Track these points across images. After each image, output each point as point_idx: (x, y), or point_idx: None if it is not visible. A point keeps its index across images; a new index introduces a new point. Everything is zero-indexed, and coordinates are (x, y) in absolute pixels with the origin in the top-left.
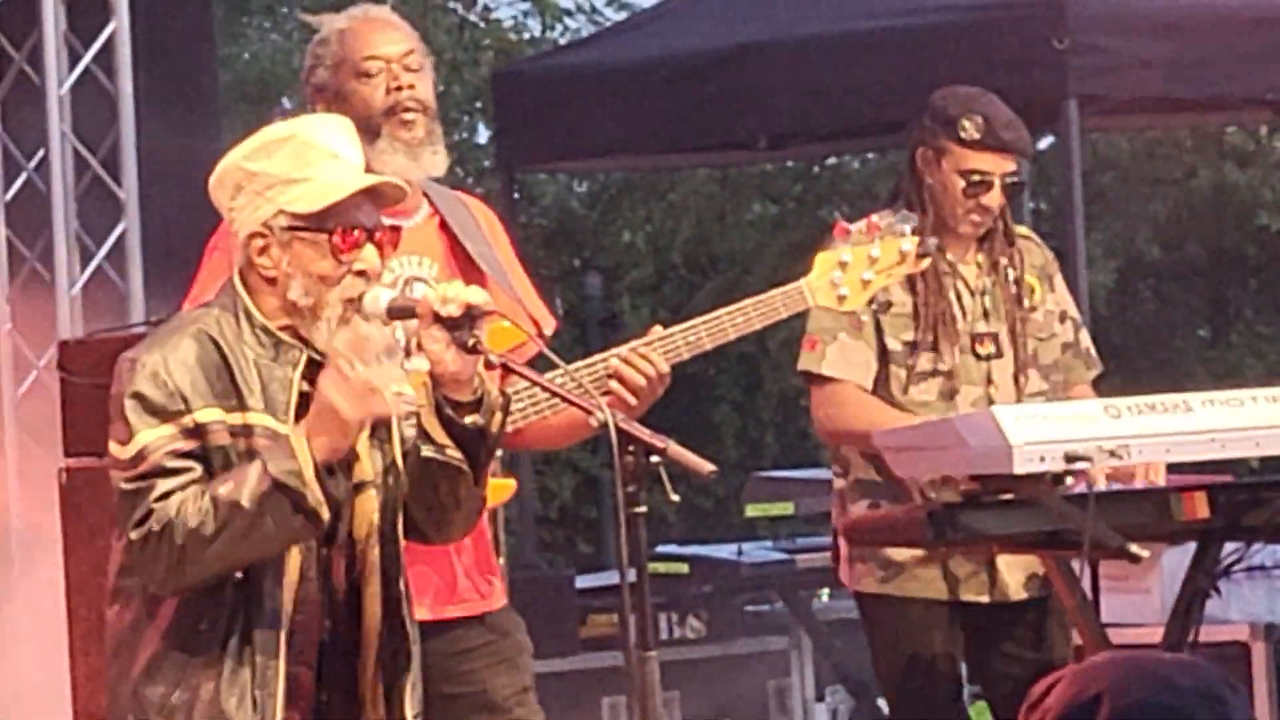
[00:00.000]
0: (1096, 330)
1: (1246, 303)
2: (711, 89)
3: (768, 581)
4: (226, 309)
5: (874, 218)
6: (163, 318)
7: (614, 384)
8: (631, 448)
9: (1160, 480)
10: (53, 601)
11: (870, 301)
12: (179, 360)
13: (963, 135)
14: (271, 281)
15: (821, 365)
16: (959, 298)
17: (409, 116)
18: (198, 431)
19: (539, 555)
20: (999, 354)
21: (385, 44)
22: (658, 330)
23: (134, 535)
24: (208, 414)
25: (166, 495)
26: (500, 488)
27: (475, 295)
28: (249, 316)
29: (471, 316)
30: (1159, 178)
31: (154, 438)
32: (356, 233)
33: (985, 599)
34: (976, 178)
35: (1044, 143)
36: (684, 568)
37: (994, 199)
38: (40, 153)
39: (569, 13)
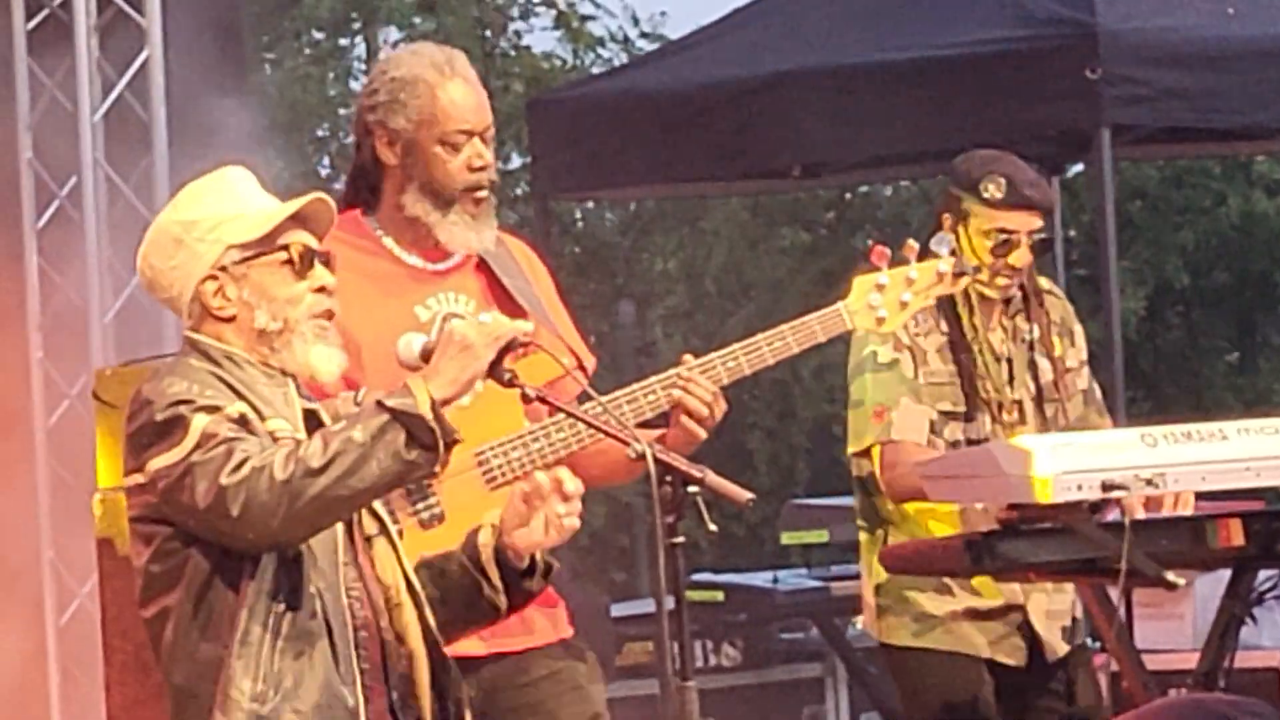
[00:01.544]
0: (1126, 357)
1: (1275, 329)
2: (745, 117)
3: (803, 609)
4: (199, 358)
5: (911, 242)
6: None
7: (685, 420)
8: (669, 477)
9: (1188, 508)
10: (88, 632)
11: (913, 358)
12: (197, 378)
13: (986, 196)
14: (230, 319)
15: (891, 432)
16: (986, 366)
17: (483, 194)
18: (241, 421)
19: (573, 583)
20: (1023, 421)
21: (475, 117)
22: (689, 359)
23: (227, 480)
24: (244, 408)
25: (249, 452)
26: None
27: (514, 326)
28: (228, 356)
29: (507, 349)
30: (1188, 206)
31: (211, 421)
32: (308, 249)
33: (1018, 663)
34: (1003, 237)
35: (1075, 170)
36: (719, 595)
37: (1022, 257)
38: (73, 180)
39: (602, 41)
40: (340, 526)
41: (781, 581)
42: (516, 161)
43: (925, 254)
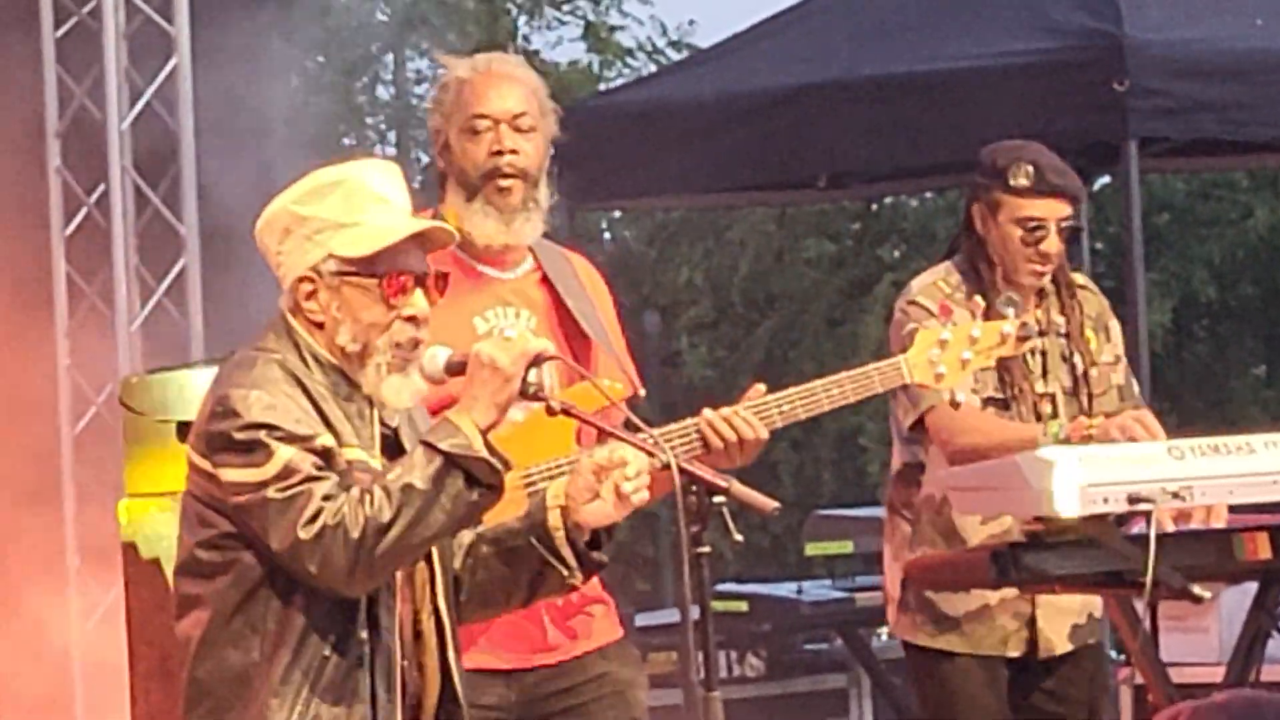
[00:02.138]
0: (1152, 369)
1: None
2: (771, 128)
3: (827, 620)
4: (288, 349)
5: (977, 297)
6: (225, 355)
7: (706, 429)
8: (694, 488)
9: (1221, 521)
10: (113, 638)
11: None
12: (282, 392)
13: (1014, 184)
14: (319, 325)
15: (941, 396)
16: (1023, 358)
17: (505, 183)
18: (325, 455)
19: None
20: (1055, 414)
21: (497, 102)
22: (759, 388)
23: (304, 534)
24: (328, 440)
25: (329, 496)
26: None
27: (536, 344)
28: (315, 356)
29: (533, 364)
30: (1215, 218)
31: (295, 454)
32: (404, 278)
33: (1026, 654)
34: (1033, 224)
35: (1101, 182)
36: (743, 606)
37: (1052, 245)
38: (100, 188)
39: (630, 52)
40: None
41: (806, 592)
42: None
43: (991, 314)
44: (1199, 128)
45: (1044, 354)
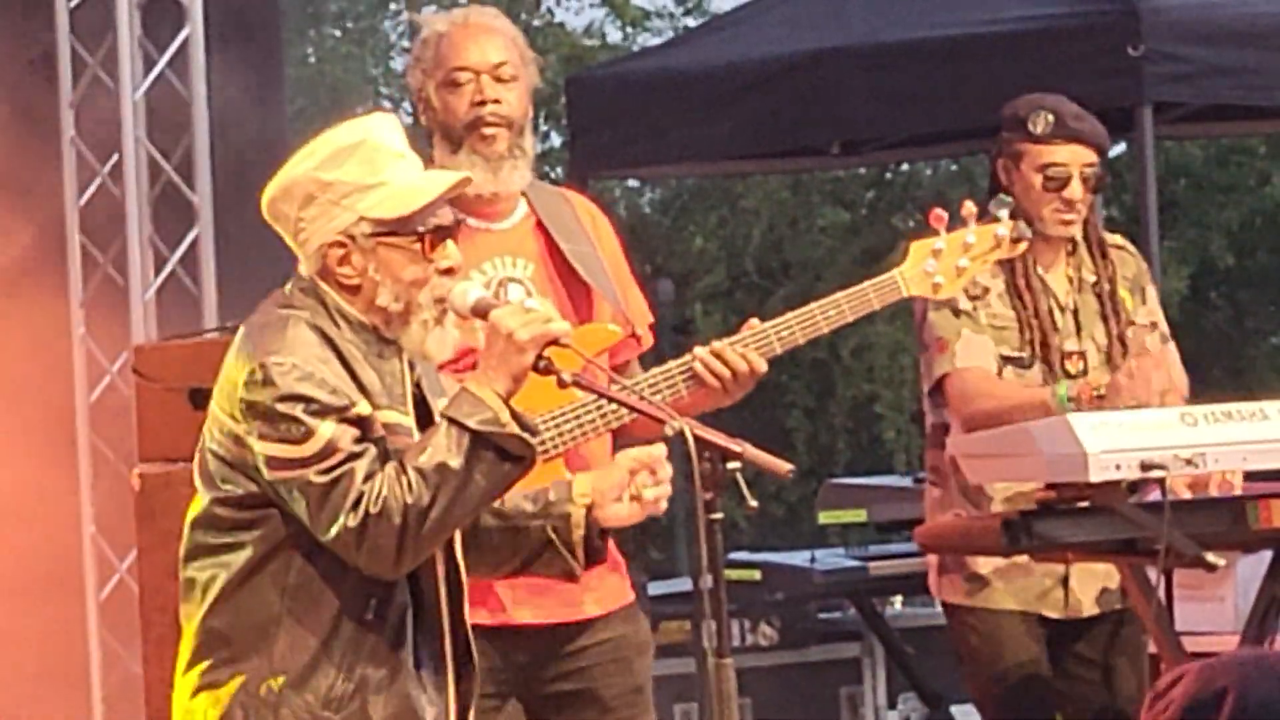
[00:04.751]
0: None
1: None
2: (785, 95)
3: (840, 589)
4: (315, 308)
5: (970, 204)
6: (239, 324)
7: (699, 367)
8: (707, 454)
9: (1237, 489)
10: (127, 606)
11: (971, 298)
12: (316, 358)
13: (1034, 131)
14: (354, 289)
15: (955, 361)
16: (1050, 313)
17: (489, 131)
18: (362, 424)
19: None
20: (1085, 372)
21: (477, 53)
22: (754, 322)
23: (351, 522)
24: (364, 407)
25: (369, 476)
26: None
27: (557, 327)
28: (343, 315)
29: (552, 344)
30: (1232, 185)
31: (335, 430)
32: (440, 232)
33: (1059, 615)
34: (1054, 170)
35: (1118, 149)
36: (756, 575)
37: (1075, 191)
38: (114, 157)
39: (649, 15)
40: None
41: (819, 561)
42: (556, 140)
43: (984, 217)
44: (1215, 93)
45: (1076, 311)
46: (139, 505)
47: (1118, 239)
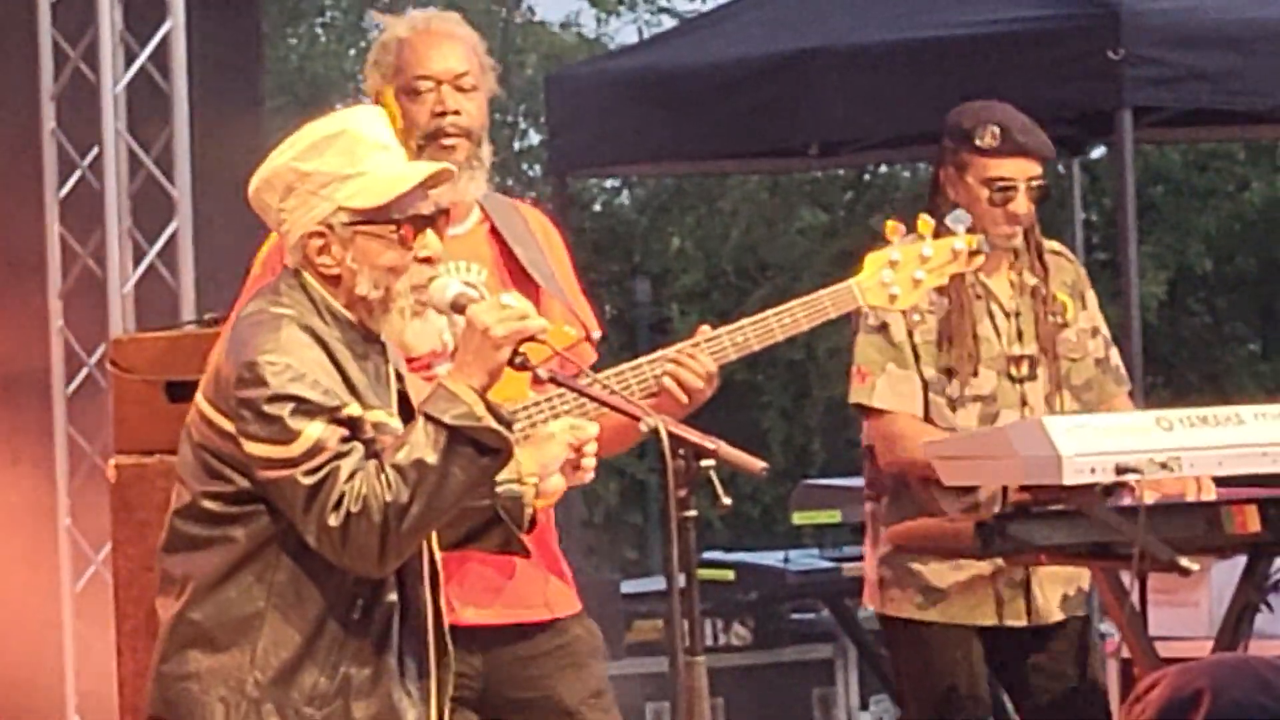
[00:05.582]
0: (1146, 342)
1: None
2: (763, 96)
3: (813, 589)
4: (304, 306)
5: (925, 217)
6: (217, 316)
7: (668, 382)
8: (681, 451)
9: (1210, 495)
10: (102, 598)
11: (906, 327)
12: (310, 359)
13: (980, 144)
14: (334, 279)
15: (873, 398)
16: (992, 319)
17: (449, 142)
18: (352, 424)
19: (584, 560)
20: (1033, 376)
21: (438, 62)
22: (705, 330)
23: (333, 521)
24: (355, 408)
25: (352, 475)
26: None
27: (534, 324)
28: (331, 313)
29: (528, 341)
30: (1211, 190)
31: (322, 431)
32: (418, 221)
33: (1023, 623)
34: (1000, 184)
35: (1096, 153)
36: (730, 574)
37: (1021, 205)
38: (94, 151)
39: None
40: None
41: (793, 562)
42: (534, 138)
43: (941, 230)
44: (1195, 97)
45: (1018, 315)
46: (114, 497)
47: (1055, 245)
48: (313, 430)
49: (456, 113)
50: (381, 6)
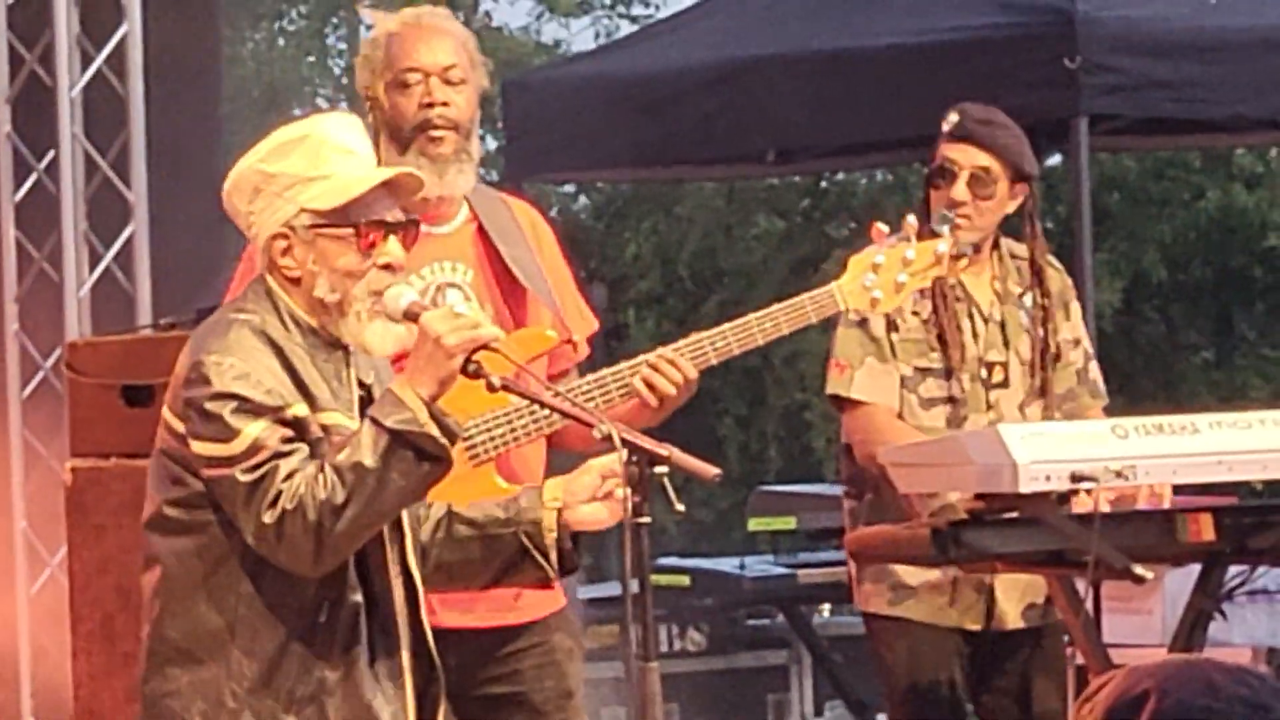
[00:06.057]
0: (1101, 350)
1: (1252, 325)
2: (720, 102)
3: (769, 596)
4: (267, 311)
5: (910, 219)
6: (174, 320)
7: (637, 382)
8: (635, 457)
9: (1166, 502)
10: (58, 601)
11: (886, 323)
12: (257, 361)
13: (945, 130)
14: (296, 281)
15: (851, 389)
16: (971, 321)
17: (437, 134)
18: (296, 425)
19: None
20: (1006, 384)
21: (427, 55)
22: (679, 344)
23: (268, 519)
24: (300, 409)
25: (290, 475)
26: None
27: (486, 332)
28: (294, 318)
29: (481, 349)
30: (1167, 198)
31: (262, 430)
32: (379, 226)
33: (979, 627)
34: (944, 168)
35: (1052, 161)
36: (685, 580)
37: (960, 192)
38: (50, 154)
39: (582, 3)
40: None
41: (748, 568)
42: (491, 144)
43: (924, 233)
44: (1151, 105)
45: (1002, 323)
46: (70, 500)
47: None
48: (252, 429)
49: (445, 104)
50: (367, 5)
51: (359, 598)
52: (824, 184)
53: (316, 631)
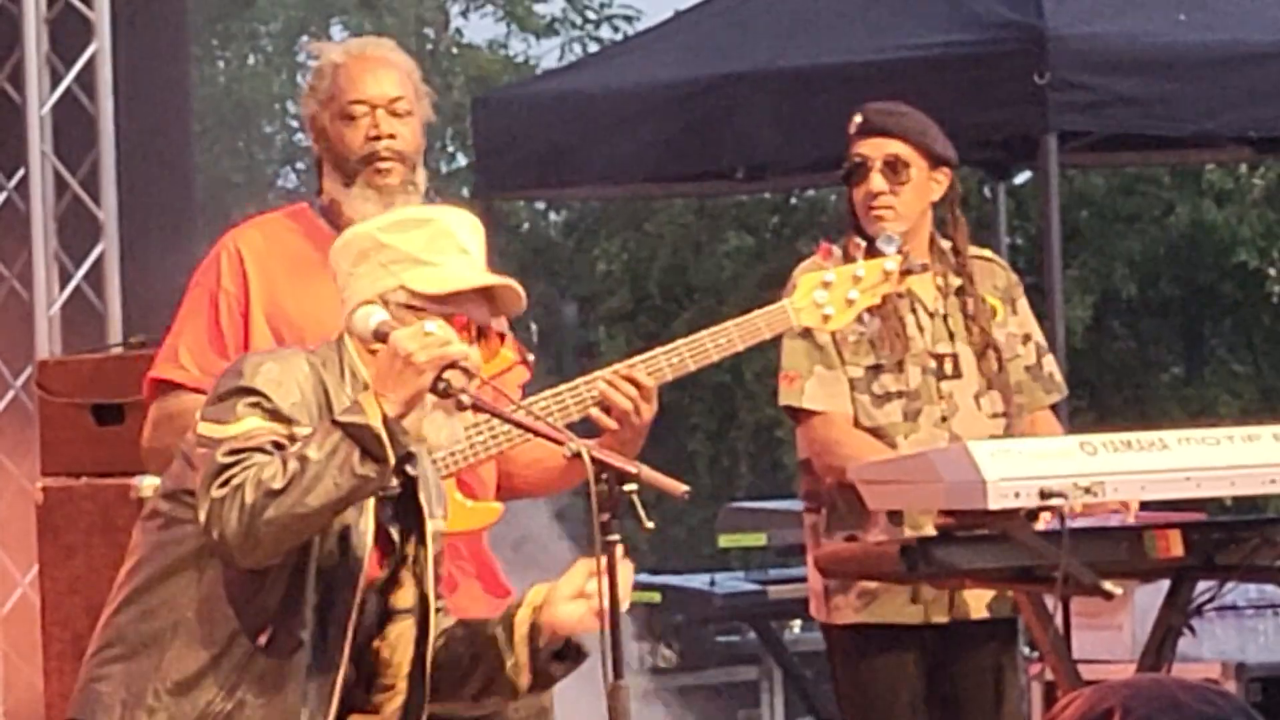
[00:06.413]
0: (1071, 366)
1: (1221, 340)
2: (690, 119)
3: (739, 612)
4: (330, 359)
5: (856, 237)
6: (144, 339)
7: (595, 412)
8: (604, 475)
9: (1133, 517)
10: (29, 620)
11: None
12: (297, 378)
13: (850, 134)
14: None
15: (803, 399)
16: (916, 316)
17: (384, 165)
18: (296, 442)
19: (508, 583)
20: (958, 374)
21: (373, 87)
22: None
23: (215, 494)
24: (306, 432)
25: (257, 465)
26: (486, 511)
27: (455, 350)
28: (354, 372)
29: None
30: (1136, 214)
31: (260, 426)
32: (469, 323)
33: (946, 619)
34: (856, 165)
35: (1021, 178)
36: (656, 597)
37: (876, 183)
38: (20, 172)
39: (553, 24)
40: (360, 572)
41: (719, 584)
42: (462, 160)
43: (873, 251)
44: (1120, 122)
45: (946, 316)
46: (41, 520)
47: (986, 252)
48: (252, 422)
49: (392, 136)
50: (313, 34)
51: (306, 635)
52: (794, 200)
53: (253, 654)
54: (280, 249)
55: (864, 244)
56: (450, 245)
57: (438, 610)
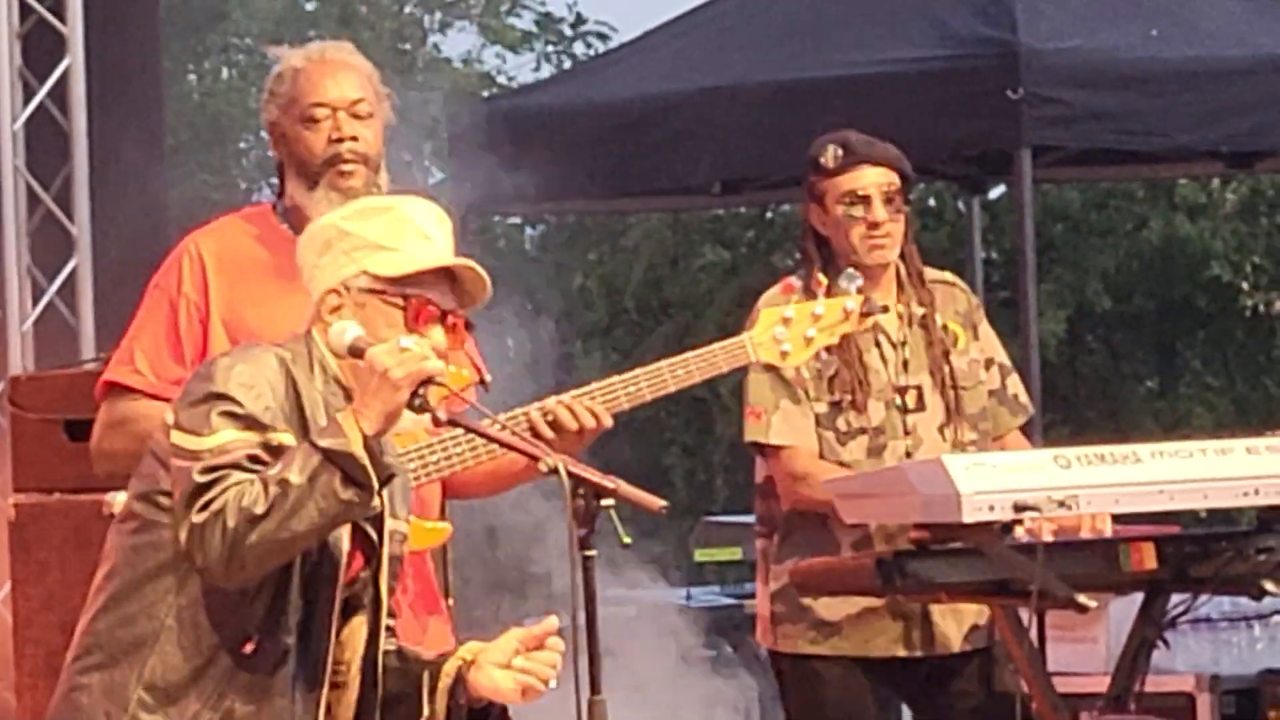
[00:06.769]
0: (1045, 380)
1: (1195, 354)
2: (665, 133)
3: (716, 626)
4: (299, 354)
5: (819, 274)
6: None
7: (535, 415)
8: (581, 491)
9: (1106, 531)
10: (1, 637)
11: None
12: (268, 377)
13: (826, 164)
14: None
15: (769, 435)
16: (879, 349)
17: (347, 168)
18: (275, 452)
19: (486, 598)
20: (922, 407)
21: (334, 90)
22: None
23: (197, 519)
24: (287, 438)
25: (237, 485)
26: (434, 533)
27: (431, 366)
28: (323, 366)
29: (427, 383)
30: (1110, 229)
31: (236, 438)
32: (431, 307)
33: (923, 653)
34: (852, 197)
35: (996, 192)
36: (632, 611)
37: (879, 212)
38: None
39: (529, 39)
40: (339, 574)
41: (695, 598)
42: (438, 175)
43: (834, 290)
44: (1094, 137)
45: (905, 345)
46: (13, 536)
47: (946, 275)
48: (227, 434)
49: (354, 139)
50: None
51: (291, 641)
52: (770, 215)
53: (239, 662)
54: (240, 253)
55: (825, 281)
56: (412, 231)
57: (387, 629)
